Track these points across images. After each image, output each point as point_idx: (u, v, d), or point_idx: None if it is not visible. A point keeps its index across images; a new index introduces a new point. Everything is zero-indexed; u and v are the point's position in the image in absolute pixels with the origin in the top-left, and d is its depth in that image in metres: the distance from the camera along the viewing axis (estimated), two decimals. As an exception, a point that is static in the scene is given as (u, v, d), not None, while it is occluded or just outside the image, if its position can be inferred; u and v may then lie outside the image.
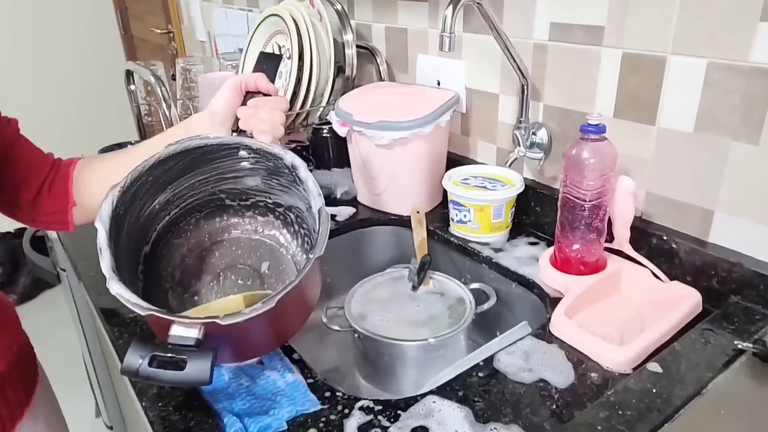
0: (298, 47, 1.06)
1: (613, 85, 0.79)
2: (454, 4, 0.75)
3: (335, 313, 0.81)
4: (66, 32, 2.85)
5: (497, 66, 0.96)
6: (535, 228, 0.94)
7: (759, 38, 0.63)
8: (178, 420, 0.57)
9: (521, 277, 0.82)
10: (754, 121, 0.66)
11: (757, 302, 0.68)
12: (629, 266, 0.77)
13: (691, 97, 0.71)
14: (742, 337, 0.63)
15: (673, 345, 0.64)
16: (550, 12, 0.85)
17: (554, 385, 0.60)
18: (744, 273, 0.69)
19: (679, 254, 0.75)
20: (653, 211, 0.80)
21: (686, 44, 0.70)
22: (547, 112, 0.91)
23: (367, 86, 1.11)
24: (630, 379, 0.59)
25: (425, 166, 0.98)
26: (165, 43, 2.45)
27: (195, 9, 2.07)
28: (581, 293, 0.72)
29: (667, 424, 0.54)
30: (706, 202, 0.73)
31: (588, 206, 0.73)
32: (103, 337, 0.73)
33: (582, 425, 0.54)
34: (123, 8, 2.92)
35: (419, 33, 1.10)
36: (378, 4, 1.18)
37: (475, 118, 1.04)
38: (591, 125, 0.71)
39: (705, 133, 0.71)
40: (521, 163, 0.97)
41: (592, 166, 0.71)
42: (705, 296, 0.71)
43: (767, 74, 0.64)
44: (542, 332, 0.69)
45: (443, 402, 0.59)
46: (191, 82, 1.23)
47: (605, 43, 0.79)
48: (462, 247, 0.91)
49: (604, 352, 0.63)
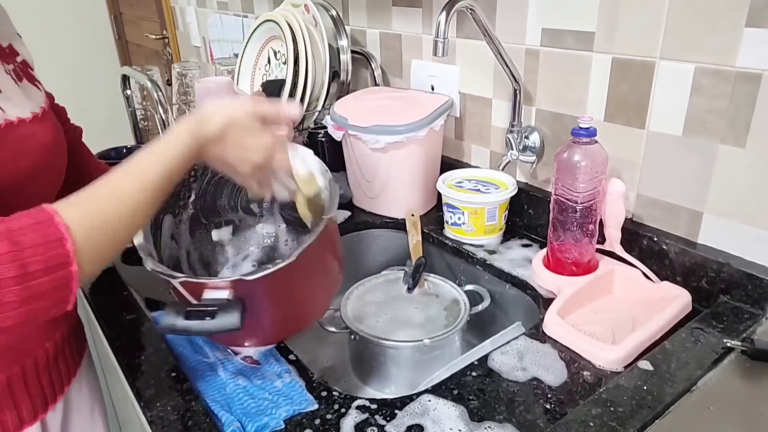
0: (293, 52, 1.07)
1: (604, 90, 0.81)
2: (448, 10, 0.76)
3: (331, 315, 0.82)
4: (60, 37, 2.85)
5: (490, 71, 0.97)
6: (528, 230, 0.95)
7: (745, 44, 0.65)
8: (176, 420, 0.58)
9: (515, 279, 0.83)
10: (740, 124, 0.68)
11: (745, 301, 0.70)
12: (621, 267, 0.78)
13: (680, 101, 0.73)
14: (731, 336, 0.65)
15: (664, 344, 0.65)
16: (542, 18, 0.86)
17: (547, 383, 0.61)
18: (732, 273, 0.70)
19: (669, 255, 0.76)
20: (644, 213, 0.81)
21: (674, 49, 0.72)
22: (540, 116, 0.92)
23: (362, 91, 1.12)
24: (621, 377, 0.60)
25: (420, 170, 0.99)
26: (160, 49, 2.46)
27: (190, 15, 2.07)
28: (574, 294, 0.73)
29: (658, 420, 0.55)
30: (695, 204, 0.75)
31: (580, 208, 0.75)
32: (99, 339, 0.73)
33: (574, 422, 0.55)
34: (118, 14, 2.92)
35: (413, 38, 1.11)
36: (372, 10, 1.19)
37: (468, 122, 1.05)
38: (582, 129, 0.72)
39: (693, 136, 0.73)
40: (514, 166, 0.98)
41: (583, 169, 0.73)
42: (695, 296, 0.72)
43: (753, 79, 0.65)
44: (535, 332, 0.70)
45: (438, 401, 0.59)
46: (187, 87, 1.23)
47: (596, 49, 0.80)
48: (456, 250, 0.92)
49: (597, 351, 0.64)
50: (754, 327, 0.66)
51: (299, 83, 1.08)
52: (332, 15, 1.19)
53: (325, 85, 1.13)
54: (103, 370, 0.92)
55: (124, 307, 0.78)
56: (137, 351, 0.69)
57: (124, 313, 0.77)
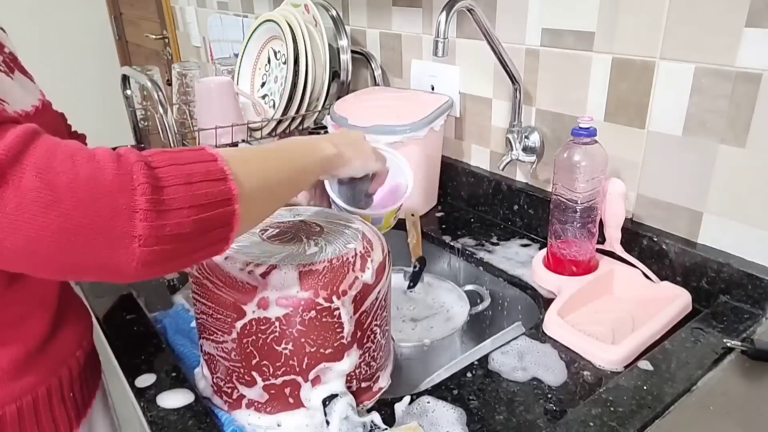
0: (293, 52, 1.07)
1: (604, 90, 0.81)
2: (448, 10, 0.76)
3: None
4: (60, 37, 2.85)
5: (490, 71, 0.97)
6: (528, 230, 0.95)
7: (745, 43, 0.65)
8: (176, 420, 0.58)
9: (515, 279, 0.83)
10: (740, 124, 0.68)
11: (745, 301, 0.70)
12: (621, 267, 0.78)
13: (680, 101, 0.73)
14: (731, 336, 0.65)
15: (664, 344, 0.65)
16: (542, 18, 0.86)
17: (547, 383, 0.61)
18: (732, 273, 0.70)
19: (669, 255, 0.76)
20: (644, 213, 0.81)
21: (674, 49, 0.72)
22: (540, 116, 0.92)
23: (362, 91, 1.12)
24: (621, 377, 0.60)
25: (420, 170, 0.99)
26: (160, 49, 2.46)
27: (190, 14, 2.07)
28: (574, 294, 0.74)
29: (658, 420, 0.55)
30: (695, 204, 0.75)
31: (580, 208, 0.75)
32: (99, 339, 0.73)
33: (575, 422, 0.55)
34: (118, 14, 2.92)
35: (413, 38, 1.11)
36: (372, 10, 1.19)
37: (468, 122, 1.05)
38: (582, 129, 0.72)
39: (693, 136, 0.73)
40: (514, 166, 0.98)
41: (583, 169, 0.73)
42: (694, 296, 0.72)
43: (753, 78, 0.65)
44: (536, 332, 0.70)
45: (437, 403, 0.59)
46: (187, 87, 1.23)
47: (596, 49, 0.80)
48: (456, 249, 0.92)
49: (597, 351, 0.64)
50: (754, 327, 0.66)
51: (299, 83, 1.08)
52: (332, 15, 1.19)
53: (325, 85, 1.13)
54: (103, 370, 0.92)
55: (124, 307, 0.78)
56: (137, 351, 0.69)
57: (124, 313, 0.77)
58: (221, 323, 0.56)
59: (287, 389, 0.56)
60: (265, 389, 0.56)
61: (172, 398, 0.61)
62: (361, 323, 0.57)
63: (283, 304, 0.53)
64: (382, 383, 0.63)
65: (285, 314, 0.53)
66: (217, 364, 0.59)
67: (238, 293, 0.54)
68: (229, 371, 0.58)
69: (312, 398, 0.56)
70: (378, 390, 0.62)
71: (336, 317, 0.54)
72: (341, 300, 0.54)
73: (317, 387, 0.56)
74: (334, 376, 0.57)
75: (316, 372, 0.56)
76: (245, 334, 0.54)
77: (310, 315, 0.53)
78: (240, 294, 0.53)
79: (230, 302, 0.54)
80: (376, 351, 0.61)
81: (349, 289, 0.54)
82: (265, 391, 0.57)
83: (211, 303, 0.56)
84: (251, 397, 0.57)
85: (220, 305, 0.55)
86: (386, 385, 0.63)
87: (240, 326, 0.54)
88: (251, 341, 0.55)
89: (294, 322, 0.53)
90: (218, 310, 0.55)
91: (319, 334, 0.54)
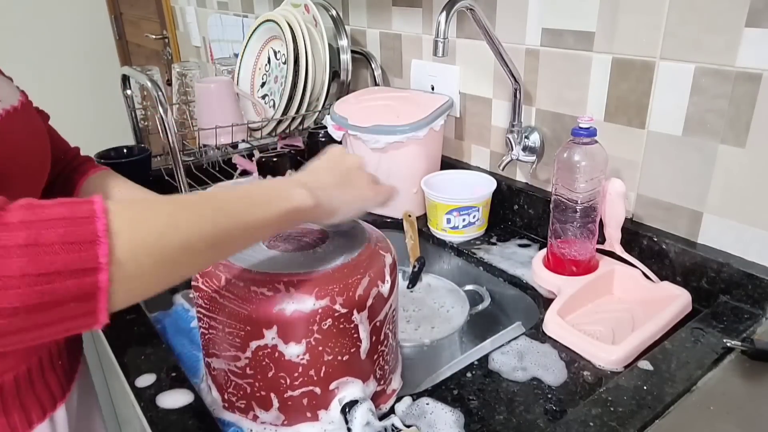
0: (293, 52, 1.07)
1: (604, 90, 0.81)
2: (448, 10, 0.76)
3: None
4: (60, 37, 2.85)
5: (490, 71, 0.97)
6: (528, 230, 0.95)
7: (744, 44, 0.65)
8: (176, 420, 0.58)
9: (515, 279, 0.83)
10: (740, 124, 0.68)
11: (745, 301, 0.70)
12: (620, 267, 0.78)
13: (680, 101, 0.73)
14: (731, 336, 0.65)
15: (664, 344, 0.65)
16: (542, 18, 0.86)
17: (547, 383, 0.61)
18: (732, 273, 0.70)
19: (669, 255, 0.76)
20: (644, 213, 0.81)
21: (674, 49, 0.72)
22: (540, 116, 0.92)
23: (362, 91, 1.12)
24: (621, 377, 0.60)
25: (420, 170, 0.99)
26: (160, 49, 2.46)
27: (190, 15, 2.07)
28: (574, 294, 0.74)
29: (658, 420, 0.55)
30: (695, 204, 0.75)
31: (580, 208, 0.75)
32: (99, 338, 0.73)
33: (575, 422, 0.55)
34: (118, 14, 2.92)
35: (413, 38, 1.11)
36: (372, 10, 1.19)
37: (468, 122, 1.05)
38: (582, 128, 0.72)
39: (693, 136, 0.73)
40: (514, 166, 0.98)
41: (583, 169, 0.73)
42: (694, 296, 0.72)
43: (753, 78, 0.65)
44: (536, 332, 0.70)
45: (436, 404, 0.59)
46: (187, 87, 1.23)
47: (596, 49, 0.80)
48: (456, 249, 0.92)
49: (597, 351, 0.64)
50: (754, 327, 0.66)
51: (299, 83, 1.08)
52: (332, 15, 1.19)
53: (325, 85, 1.13)
54: (103, 370, 0.92)
55: (124, 307, 0.78)
56: (137, 351, 0.69)
57: (124, 312, 0.76)
58: (233, 338, 0.54)
59: (305, 400, 0.55)
60: (281, 410, 0.55)
61: (172, 398, 0.61)
62: (377, 328, 0.56)
63: (298, 315, 0.51)
64: (395, 385, 0.63)
65: (302, 324, 0.51)
66: (228, 380, 0.57)
67: (251, 305, 0.52)
68: (241, 387, 0.56)
69: (331, 407, 0.55)
70: (392, 392, 0.62)
71: (352, 324, 0.53)
72: (359, 313, 0.53)
73: (336, 395, 0.55)
74: (353, 382, 0.56)
75: (334, 380, 0.55)
76: (261, 347, 0.53)
77: (327, 323, 0.52)
78: (253, 305, 0.52)
79: (243, 315, 0.52)
80: (389, 354, 0.60)
81: (364, 294, 0.54)
82: (282, 413, 0.55)
83: (221, 317, 0.54)
84: (266, 420, 0.56)
85: (231, 318, 0.53)
86: (399, 386, 0.63)
87: (255, 346, 0.53)
88: (267, 353, 0.53)
89: (311, 331, 0.52)
90: (230, 324, 0.53)
91: (337, 341, 0.53)
